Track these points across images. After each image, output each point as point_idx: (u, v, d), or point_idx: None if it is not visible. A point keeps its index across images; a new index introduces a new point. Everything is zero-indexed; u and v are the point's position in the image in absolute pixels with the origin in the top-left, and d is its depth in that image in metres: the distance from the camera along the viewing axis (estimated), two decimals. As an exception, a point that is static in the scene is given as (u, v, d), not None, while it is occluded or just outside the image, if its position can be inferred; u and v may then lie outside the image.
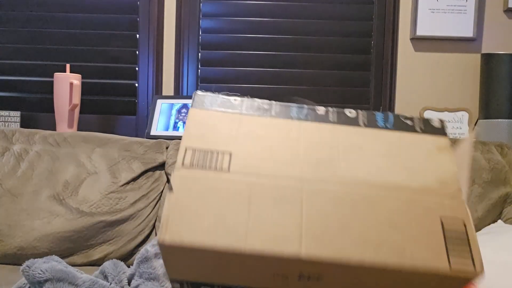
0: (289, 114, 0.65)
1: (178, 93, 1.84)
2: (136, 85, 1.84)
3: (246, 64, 1.85)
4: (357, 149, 0.61)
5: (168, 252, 0.53)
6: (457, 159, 0.64)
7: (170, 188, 0.55)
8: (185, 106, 1.72)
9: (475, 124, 1.76)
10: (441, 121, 0.64)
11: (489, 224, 1.33)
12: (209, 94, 0.67)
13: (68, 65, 1.63)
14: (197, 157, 0.58)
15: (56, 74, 1.60)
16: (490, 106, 1.67)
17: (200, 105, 0.65)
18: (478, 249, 0.53)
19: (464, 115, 1.80)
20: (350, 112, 0.65)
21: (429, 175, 0.59)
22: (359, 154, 0.61)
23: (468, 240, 0.54)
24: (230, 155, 0.59)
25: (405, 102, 1.83)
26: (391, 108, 1.84)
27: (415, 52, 1.84)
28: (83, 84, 1.83)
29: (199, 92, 0.67)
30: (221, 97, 0.66)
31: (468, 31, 1.79)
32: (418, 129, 0.63)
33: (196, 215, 0.53)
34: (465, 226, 0.55)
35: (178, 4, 1.83)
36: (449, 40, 1.82)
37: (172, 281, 0.60)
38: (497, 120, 1.63)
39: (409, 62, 1.84)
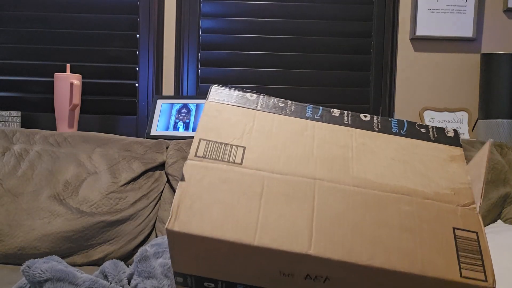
0: (304, 114, 0.64)
1: (178, 93, 1.84)
2: (136, 85, 1.84)
3: (246, 64, 1.86)
4: (370, 152, 0.61)
5: (176, 241, 0.52)
6: (473, 168, 0.63)
7: (182, 177, 0.55)
8: (185, 106, 1.72)
9: (474, 124, 1.76)
10: (455, 131, 0.64)
11: (488, 224, 1.33)
12: (225, 88, 0.67)
13: (68, 65, 1.63)
14: (210, 149, 0.58)
15: (57, 74, 1.60)
16: (490, 106, 1.67)
17: (216, 98, 0.65)
18: (491, 261, 0.52)
19: (464, 115, 1.80)
20: (365, 116, 0.65)
21: (442, 183, 0.58)
22: (372, 157, 0.60)
23: (481, 251, 0.53)
24: (244, 149, 0.59)
25: (404, 102, 1.83)
26: (391, 108, 1.84)
27: (415, 52, 1.84)
28: (83, 84, 1.83)
29: (215, 86, 0.67)
30: (237, 93, 0.66)
31: (467, 31, 1.79)
32: (432, 137, 0.63)
33: (206, 206, 0.53)
34: (477, 237, 0.54)
35: (178, 4, 1.83)
36: (449, 40, 1.82)
37: (176, 275, 0.59)
38: (497, 120, 1.64)
39: (409, 62, 1.84)
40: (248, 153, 0.59)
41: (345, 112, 0.65)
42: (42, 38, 1.86)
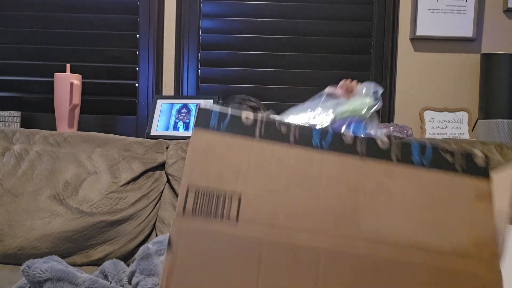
0: (310, 141, 0.54)
1: (178, 93, 1.84)
2: (136, 85, 1.84)
3: (246, 64, 1.86)
4: (385, 194, 0.52)
5: None
6: (496, 204, 0.55)
7: (169, 244, 0.49)
8: (185, 106, 1.72)
9: (474, 124, 1.76)
10: (486, 158, 0.54)
11: (488, 224, 1.33)
12: (215, 109, 0.56)
13: (68, 65, 1.63)
14: (200, 201, 0.50)
15: (56, 74, 1.60)
16: (489, 106, 1.67)
17: (204, 124, 0.54)
18: None
19: (464, 115, 1.80)
20: (382, 142, 0.55)
21: (463, 234, 0.51)
22: (387, 202, 0.52)
23: None
24: (239, 198, 0.51)
25: (404, 102, 1.83)
26: (391, 108, 1.84)
27: (415, 52, 1.84)
28: (83, 84, 1.83)
29: (203, 106, 0.56)
30: (230, 115, 0.55)
31: (467, 31, 1.79)
32: (458, 167, 0.54)
33: (197, 279, 0.48)
34: None
35: (178, 4, 1.83)
36: (449, 40, 1.82)
37: None
38: (497, 120, 1.63)
39: (409, 62, 1.84)
40: (244, 203, 0.51)
41: (359, 137, 0.56)
42: (42, 38, 1.86)
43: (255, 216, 0.50)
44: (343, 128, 0.68)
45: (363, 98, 0.70)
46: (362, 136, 0.55)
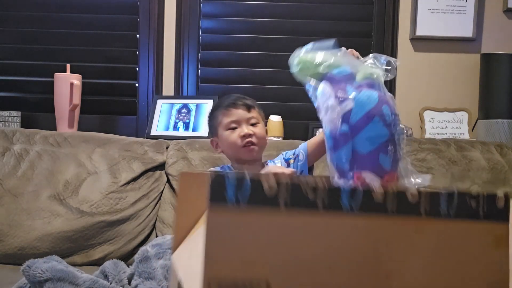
0: (339, 204, 0.49)
1: (178, 93, 1.84)
2: (136, 85, 1.84)
3: (246, 64, 1.85)
4: (413, 252, 0.51)
5: None
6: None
7: None
8: (185, 106, 1.72)
9: (474, 124, 1.76)
10: (505, 199, 0.53)
11: (488, 224, 1.33)
12: (230, 175, 0.47)
13: (68, 65, 1.63)
14: None
15: (57, 74, 1.60)
16: (489, 106, 1.67)
17: (220, 198, 0.45)
18: None
19: (464, 115, 1.80)
20: (412, 195, 0.52)
21: (479, 281, 0.52)
22: (414, 260, 0.51)
23: None
24: (268, 285, 0.45)
25: (404, 102, 1.83)
26: (391, 108, 1.83)
27: (415, 52, 1.84)
28: (83, 84, 1.83)
29: (215, 170, 0.49)
30: (249, 183, 0.47)
31: (467, 31, 1.79)
32: (481, 213, 0.53)
33: None
34: None
35: (178, 4, 1.83)
36: (449, 40, 1.82)
37: None
38: (496, 120, 1.63)
39: (409, 62, 1.84)
40: None
41: (389, 192, 0.51)
42: (42, 38, 1.86)
43: None
44: (364, 89, 0.65)
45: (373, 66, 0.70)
46: (392, 190, 0.51)
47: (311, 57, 0.71)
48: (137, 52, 1.84)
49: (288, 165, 1.12)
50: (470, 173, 1.38)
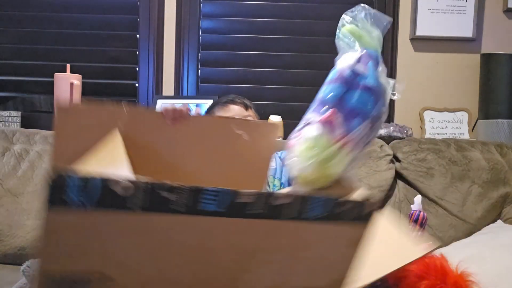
0: (197, 208, 0.48)
1: (178, 93, 1.84)
2: (137, 85, 1.84)
3: (246, 64, 1.85)
4: (264, 252, 0.51)
5: None
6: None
7: None
8: (185, 106, 1.72)
9: (474, 124, 1.76)
10: (366, 204, 0.53)
11: (488, 224, 1.33)
12: (74, 174, 0.42)
13: (68, 65, 1.62)
14: None
15: (57, 74, 1.60)
16: (489, 106, 1.67)
17: (59, 200, 0.43)
18: None
19: (464, 115, 1.80)
20: (278, 198, 0.50)
21: (322, 277, 0.54)
22: (264, 259, 0.52)
23: None
24: (112, 285, 0.47)
25: (404, 102, 1.83)
26: (391, 108, 1.84)
27: (415, 52, 1.84)
28: (83, 84, 1.83)
29: (54, 172, 0.41)
30: (101, 184, 0.43)
31: (467, 31, 1.79)
32: (344, 217, 0.52)
33: None
34: None
35: (178, 4, 1.83)
36: (449, 40, 1.82)
37: None
38: (496, 120, 1.63)
39: (409, 62, 1.84)
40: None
41: (258, 193, 0.49)
42: (42, 38, 1.86)
43: None
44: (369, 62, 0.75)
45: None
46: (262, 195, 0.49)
47: (368, 29, 0.77)
48: (137, 52, 1.84)
49: (283, 165, 1.09)
50: (470, 173, 1.38)
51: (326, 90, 0.75)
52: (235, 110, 1.08)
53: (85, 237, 0.44)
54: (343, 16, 0.77)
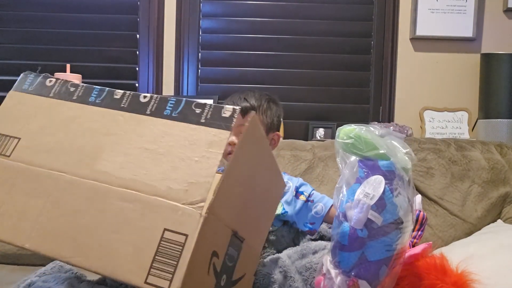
0: (87, 99, 0.67)
1: (178, 93, 1.85)
2: (136, 85, 1.84)
3: (246, 64, 1.86)
4: (128, 140, 0.61)
5: None
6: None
7: None
8: (185, 106, 1.71)
9: (474, 124, 1.76)
10: (233, 111, 0.58)
11: (488, 224, 1.33)
12: (32, 75, 0.73)
13: (68, 65, 1.62)
14: None
15: (56, 74, 1.60)
16: (489, 106, 1.67)
17: (19, 87, 0.73)
18: (185, 267, 0.50)
19: (464, 115, 1.80)
20: (144, 97, 0.64)
21: (183, 177, 0.56)
22: (127, 147, 0.60)
23: (180, 257, 0.51)
24: (18, 141, 0.66)
25: (404, 102, 1.83)
26: (391, 108, 1.84)
27: (415, 52, 1.84)
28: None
29: (25, 73, 0.73)
30: (39, 80, 0.71)
31: (467, 31, 1.79)
32: (202, 119, 0.59)
33: None
34: (185, 241, 0.51)
35: (178, 4, 1.83)
36: (449, 40, 1.82)
37: None
38: (496, 120, 1.64)
39: (409, 62, 1.84)
40: (20, 145, 0.65)
41: (127, 93, 0.65)
42: (42, 38, 1.86)
43: (22, 156, 0.64)
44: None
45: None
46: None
47: (369, 136, 0.68)
48: (137, 52, 1.84)
49: (297, 198, 1.02)
50: (470, 172, 1.38)
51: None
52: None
53: (17, 110, 0.71)
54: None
